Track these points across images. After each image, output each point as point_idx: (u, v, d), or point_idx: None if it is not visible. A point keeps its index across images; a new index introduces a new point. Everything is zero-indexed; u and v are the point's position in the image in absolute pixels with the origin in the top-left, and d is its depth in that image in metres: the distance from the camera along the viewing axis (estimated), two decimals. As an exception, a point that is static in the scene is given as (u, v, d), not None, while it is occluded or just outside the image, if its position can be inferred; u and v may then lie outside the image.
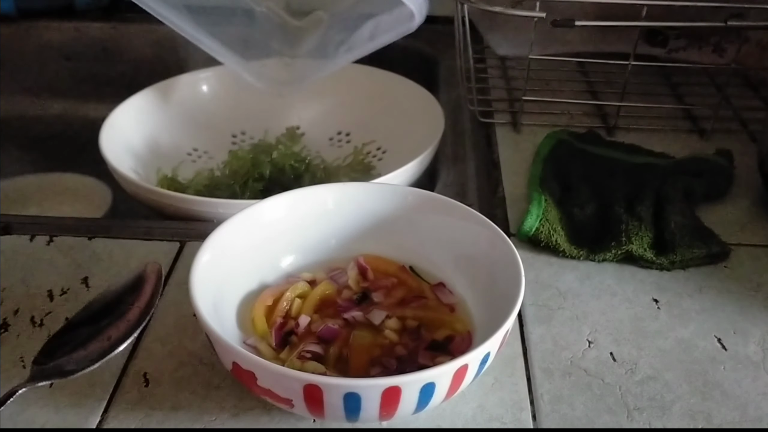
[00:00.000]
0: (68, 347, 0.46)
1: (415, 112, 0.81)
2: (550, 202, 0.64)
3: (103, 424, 0.46)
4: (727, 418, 0.47)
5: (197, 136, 0.85)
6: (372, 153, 0.83)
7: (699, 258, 0.59)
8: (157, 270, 0.49)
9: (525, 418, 0.47)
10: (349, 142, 0.86)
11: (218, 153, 0.84)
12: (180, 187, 0.76)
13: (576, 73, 0.90)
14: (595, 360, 0.51)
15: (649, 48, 0.88)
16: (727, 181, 0.70)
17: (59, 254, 0.60)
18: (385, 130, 0.84)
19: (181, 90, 0.85)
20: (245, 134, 0.88)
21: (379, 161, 0.82)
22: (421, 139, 0.74)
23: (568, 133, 0.77)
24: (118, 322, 0.46)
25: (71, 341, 0.46)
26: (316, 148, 0.85)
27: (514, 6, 0.81)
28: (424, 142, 0.72)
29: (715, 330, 0.54)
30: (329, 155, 0.84)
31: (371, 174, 0.81)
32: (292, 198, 0.54)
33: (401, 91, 0.84)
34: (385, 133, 0.84)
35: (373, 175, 0.80)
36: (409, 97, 0.83)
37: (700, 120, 0.81)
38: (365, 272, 0.54)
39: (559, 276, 0.59)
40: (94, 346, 0.45)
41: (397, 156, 0.77)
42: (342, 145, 0.87)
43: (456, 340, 0.48)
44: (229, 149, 0.82)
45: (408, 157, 0.69)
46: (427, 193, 0.54)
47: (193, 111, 0.86)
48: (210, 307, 0.45)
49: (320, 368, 0.46)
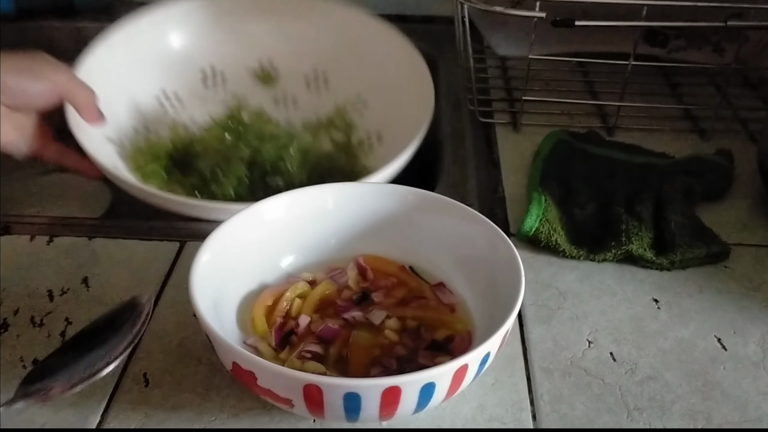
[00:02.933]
0: (53, 370, 0.46)
1: (397, 64, 0.77)
2: (550, 202, 0.64)
3: (103, 424, 0.46)
4: (727, 418, 0.47)
5: (167, 76, 0.79)
6: (355, 106, 0.79)
7: (699, 258, 0.59)
8: (148, 300, 0.49)
9: (525, 418, 0.47)
10: (328, 88, 0.81)
11: (189, 98, 0.79)
12: (160, 153, 0.72)
13: (576, 73, 0.90)
14: (595, 360, 0.51)
15: (649, 48, 0.88)
16: (727, 181, 0.70)
17: (59, 254, 0.60)
18: (367, 80, 0.79)
19: (145, 32, 0.79)
20: (215, 69, 0.82)
21: (361, 118, 0.79)
22: (410, 99, 0.70)
23: (568, 133, 0.77)
24: (103, 351, 0.46)
25: (57, 365, 0.46)
26: (293, 94, 0.80)
27: (514, 6, 0.81)
28: (413, 103, 0.69)
29: (715, 330, 0.54)
30: (307, 105, 0.79)
31: (354, 134, 0.78)
32: (292, 198, 0.54)
33: (382, 40, 0.79)
34: (367, 84, 0.79)
35: (358, 136, 0.77)
36: (391, 49, 0.78)
37: (700, 120, 0.81)
38: (365, 272, 0.54)
39: (559, 276, 0.59)
40: (78, 371, 0.45)
41: (382, 113, 0.74)
42: (320, 92, 0.81)
43: (456, 340, 0.48)
44: (200, 93, 0.77)
45: (394, 113, 0.66)
46: (427, 193, 0.54)
47: (160, 50, 0.79)
48: (210, 307, 0.45)
49: (320, 368, 0.46)
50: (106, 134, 0.70)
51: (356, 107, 0.80)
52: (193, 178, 0.71)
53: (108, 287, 0.56)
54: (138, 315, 0.48)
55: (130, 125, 0.75)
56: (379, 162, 0.70)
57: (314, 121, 0.80)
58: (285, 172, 0.71)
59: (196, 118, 0.78)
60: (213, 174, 0.70)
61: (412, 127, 0.69)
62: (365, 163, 0.77)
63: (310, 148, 0.75)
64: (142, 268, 0.58)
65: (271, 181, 0.70)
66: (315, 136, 0.77)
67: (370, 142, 0.78)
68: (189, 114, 0.79)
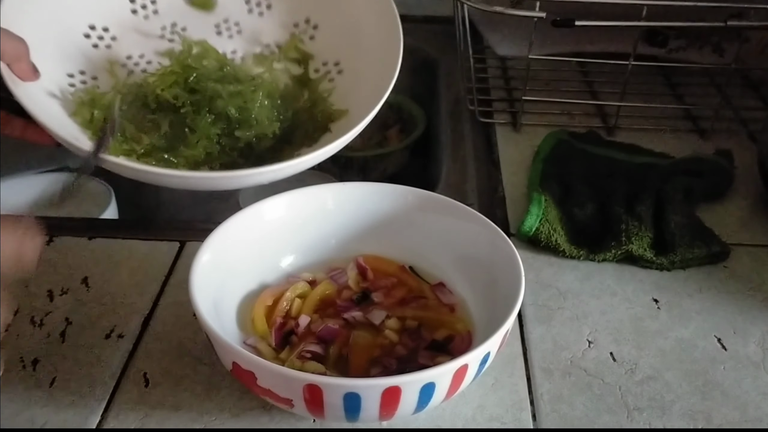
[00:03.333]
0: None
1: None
2: (550, 202, 0.64)
3: (103, 424, 0.46)
4: (727, 418, 0.47)
5: (92, 11, 0.68)
6: (306, 31, 0.71)
7: (699, 258, 0.59)
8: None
9: (525, 418, 0.47)
10: (270, 7, 0.72)
11: (123, 34, 0.68)
12: (105, 105, 0.63)
13: (576, 73, 0.90)
14: (595, 360, 0.51)
15: (649, 48, 0.88)
16: (727, 181, 0.70)
17: (59, 254, 0.60)
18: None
19: None
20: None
21: (311, 40, 0.71)
22: (370, 21, 0.65)
23: (568, 133, 0.77)
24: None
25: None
26: (235, 20, 0.71)
27: (514, 6, 0.81)
28: (374, 25, 0.63)
29: (715, 330, 0.54)
30: (252, 31, 0.71)
31: (311, 64, 0.70)
32: (291, 198, 0.54)
33: None
34: (315, 2, 0.71)
35: (314, 66, 0.70)
36: None
37: (700, 120, 0.81)
38: (365, 272, 0.54)
39: (559, 276, 0.59)
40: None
41: (337, 38, 0.67)
42: (264, 15, 0.72)
43: (456, 340, 0.48)
44: (133, 26, 0.68)
45: (352, 39, 0.62)
46: (427, 193, 0.54)
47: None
48: (210, 307, 0.45)
49: (320, 368, 0.46)
50: (45, 87, 0.61)
51: (306, 32, 0.71)
52: (153, 137, 0.62)
53: (108, 287, 0.56)
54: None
55: (63, 73, 0.64)
56: (346, 98, 0.66)
57: (264, 51, 0.71)
58: (254, 124, 0.63)
59: (134, 57, 0.69)
60: (178, 133, 0.62)
61: (378, 55, 0.64)
62: (331, 100, 0.68)
63: (272, 90, 0.67)
64: (142, 268, 0.58)
65: (242, 135, 0.63)
66: (269, 70, 0.70)
67: (329, 72, 0.70)
68: (126, 53, 0.69)
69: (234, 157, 0.63)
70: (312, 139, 0.65)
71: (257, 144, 0.63)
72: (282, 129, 0.65)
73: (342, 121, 0.65)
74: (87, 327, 0.53)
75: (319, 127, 0.66)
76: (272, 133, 0.63)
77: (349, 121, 0.64)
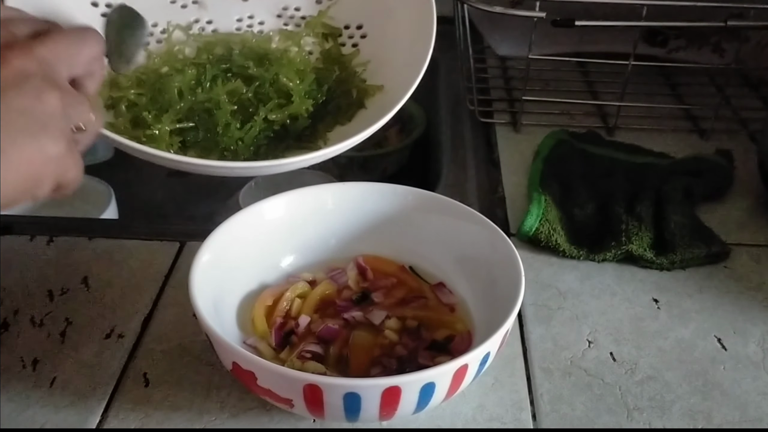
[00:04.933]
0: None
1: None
2: (550, 202, 0.64)
3: (103, 424, 0.46)
4: (727, 418, 0.47)
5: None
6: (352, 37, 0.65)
7: (699, 258, 0.59)
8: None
9: (525, 418, 0.47)
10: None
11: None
12: (122, 85, 0.58)
13: (576, 73, 0.90)
14: (595, 360, 0.51)
15: (649, 48, 0.88)
16: (727, 181, 0.70)
17: (59, 254, 0.60)
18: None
19: None
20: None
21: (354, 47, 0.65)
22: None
23: (568, 133, 0.77)
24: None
25: None
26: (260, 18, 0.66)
27: (514, 6, 0.81)
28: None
29: (715, 330, 0.54)
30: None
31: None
32: (291, 198, 0.54)
33: None
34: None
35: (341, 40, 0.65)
36: None
37: (700, 120, 0.81)
38: (365, 272, 0.54)
39: (559, 276, 0.59)
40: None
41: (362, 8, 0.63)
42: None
43: (456, 340, 0.48)
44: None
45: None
46: (427, 193, 0.54)
47: None
48: (210, 307, 0.45)
49: (320, 368, 0.46)
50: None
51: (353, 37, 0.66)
52: (183, 125, 0.57)
53: (108, 287, 0.56)
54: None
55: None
56: (378, 73, 0.62)
57: (281, 13, 0.66)
58: (288, 104, 0.59)
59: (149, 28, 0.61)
60: (213, 122, 0.57)
61: (408, 24, 0.60)
62: (364, 75, 0.64)
63: (305, 65, 0.62)
64: (142, 268, 0.58)
65: (276, 117, 0.58)
66: (297, 45, 0.64)
67: (352, 38, 0.65)
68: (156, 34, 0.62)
69: (267, 140, 0.58)
70: (346, 116, 0.61)
71: (292, 125, 0.59)
72: (315, 107, 0.60)
73: (377, 97, 0.61)
74: (87, 327, 0.53)
75: (353, 103, 0.62)
76: (306, 111, 0.59)
77: (384, 97, 0.60)
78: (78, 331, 0.52)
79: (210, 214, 0.89)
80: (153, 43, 0.63)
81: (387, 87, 0.61)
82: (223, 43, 0.63)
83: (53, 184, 0.36)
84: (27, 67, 0.34)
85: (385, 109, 0.56)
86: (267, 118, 0.59)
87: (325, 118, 0.61)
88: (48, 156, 0.34)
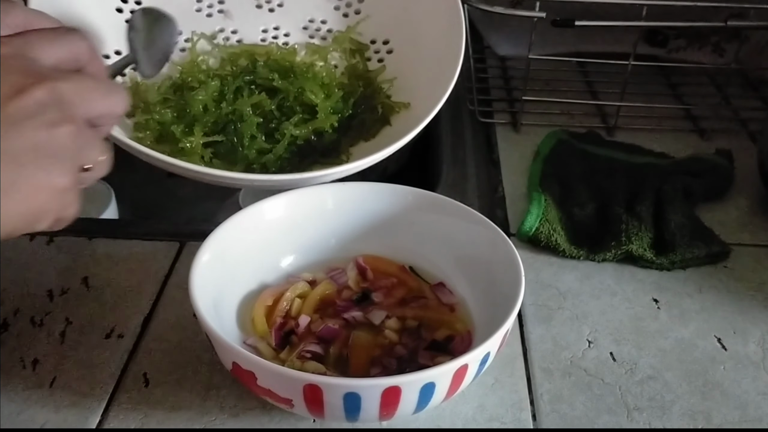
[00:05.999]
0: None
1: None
2: (550, 202, 0.64)
3: (103, 424, 0.46)
4: (727, 418, 0.47)
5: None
6: (352, 6, 0.66)
7: (699, 258, 0.59)
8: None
9: (525, 418, 0.47)
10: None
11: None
12: (148, 95, 0.58)
13: (576, 73, 0.90)
14: (595, 360, 0.51)
15: (649, 48, 0.88)
16: (727, 181, 0.70)
17: (59, 254, 0.60)
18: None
19: None
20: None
21: (356, 15, 0.66)
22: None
23: (568, 133, 0.77)
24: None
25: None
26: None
27: (514, 6, 0.81)
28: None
29: (715, 330, 0.54)
30: (294, 9, 0.66)
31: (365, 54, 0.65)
32: (292, 198, 0.54)
33: None
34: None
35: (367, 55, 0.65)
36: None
37: (700, 120, 0.81)
38: (365, 272, 0.54)
39: (559, 276, 0.59)
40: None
41: (385, 11, 0.63)
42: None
43: (456, 340, 0.48)
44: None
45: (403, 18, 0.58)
46: (427, 193, 0.54)
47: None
48: (210, 307, 0.45)
49: (320, 368, 0.46)
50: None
51: (351, 5, 0.66)
52: (212, 138, 0.57)
53: (108, 287, 0.56)
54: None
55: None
56: (403, 91, 0.61)
57: (307, 25, 0.66)
58: (312, 118, 0.59)
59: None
60: (238, 134, 0.57)
61: (436, 41, 0.60)
62: (390, 91, 0.63)
63: (331, 79, 0.62)
64: (142, 268, 0.58)
65: (300, 133, 0.58)
66: (324, 59, 0.64)
67: (378, 53, 0.65)
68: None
69: (290, 154, 0.59)
70: (371, 133, 0.62)
71: (317, 140, 0.59)
72: (340, 122, 0.60)
73: (402, 113, 0.61)
74: (87, 327, 0.53)
75: (378, 119, 0.62)
76: (330, 127, 0.59)
77: (409, 114, 0.60)
78: (78, 331, 0.52)
79: (210, 214, 0.89)
80: (176, 52, 0.62)
81: (413, 104, 0.61)
82: (247, 54, 0.63)
83: (54, 219, 0.36)
84: (46, 98, 0.34)
85: (410, 126, 0.56)
86: (293, 133, 0.59)
87: (348, 133, 0.61)
88: (55, 189, 0.34)
